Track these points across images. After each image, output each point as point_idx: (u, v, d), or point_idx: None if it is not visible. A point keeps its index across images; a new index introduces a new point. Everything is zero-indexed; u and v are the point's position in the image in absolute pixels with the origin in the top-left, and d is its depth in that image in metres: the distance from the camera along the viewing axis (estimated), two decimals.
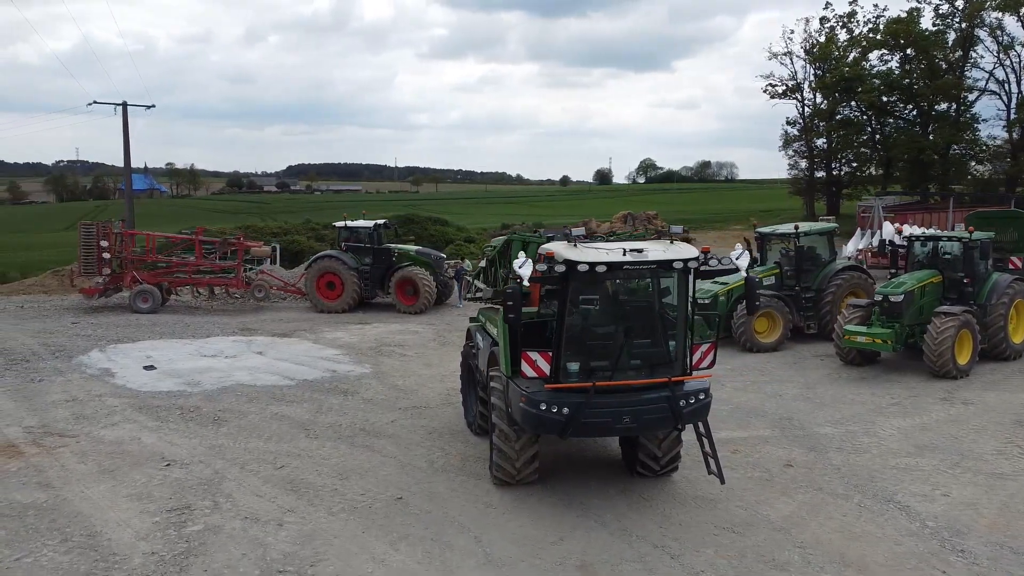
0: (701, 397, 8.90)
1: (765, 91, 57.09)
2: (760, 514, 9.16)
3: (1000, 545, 8.32)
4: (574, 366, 8.81)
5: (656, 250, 8.60)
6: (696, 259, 8.44)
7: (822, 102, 55.59)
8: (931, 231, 19.29)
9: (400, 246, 26.67)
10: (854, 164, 56.66)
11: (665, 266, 8.47)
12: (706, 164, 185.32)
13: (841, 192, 57.26)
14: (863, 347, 16.48)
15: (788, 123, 58.05)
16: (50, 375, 16.79)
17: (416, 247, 27.33)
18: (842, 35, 54.76)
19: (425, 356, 18.91)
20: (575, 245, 8.82)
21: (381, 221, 26.82)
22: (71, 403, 14.52)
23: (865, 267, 22.13)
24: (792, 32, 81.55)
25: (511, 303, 8.37)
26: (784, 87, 56.73)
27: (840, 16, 54.88)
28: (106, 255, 25.01)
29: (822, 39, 54.81)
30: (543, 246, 9.72)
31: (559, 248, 8.86)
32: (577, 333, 8.82)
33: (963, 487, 10.07)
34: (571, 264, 8.32)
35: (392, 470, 10.88)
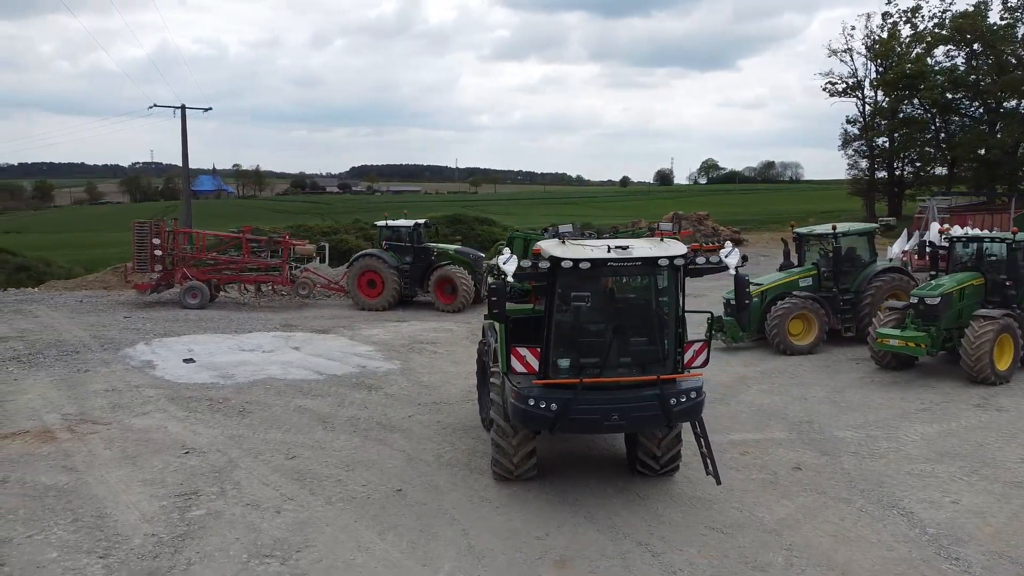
0: (693, 396, 8.84)
1: (824, 89, 55.76)
2: (754, 516, 9.05)
3: (999, 554, 8.05)
4: (564, 362, 8.85)
5: (642, 247, 8.58)
6: (683, 256, 8.39)
7: (883, 100, 53.99)
8: (974, 232, 18.60)
9: (440, 245, 26.98)
10: (917, 164, 54.83)
11: (650, 263, 8.44)
12: (770, 164, 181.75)
13: (904, 192, 55.49)
14: (895, 350, 16.03)
15: (848, 122, 56.60)
16: (96, 366, 17.57)
17: (456, 246, 27.60)
18: (905, 31, 53.14)
19: (455, 354, 19.11)
20: (563, 242, 8.86)
21: (421, 221, 27.17)
22: (110, 392, 15.17)
23: (910, 269, 21.45)
24: (853, 28, 79.37)
25: (495, 299, 8.47)
26: (844, 85, 55.29)
27: (904, 11, 53.26)
28: (158, 252, 25.98)
29: (884, 35, 53.23)
30: (538, 243, 9.78)
31: (547, 245, 8.92)
32: (565, 330, 8.86)
33: (976, 495, 9.75)
34: (555, 261, 8.37)
35: (398, 463, 11.09)
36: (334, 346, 20.14)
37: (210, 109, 39.40)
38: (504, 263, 8.52)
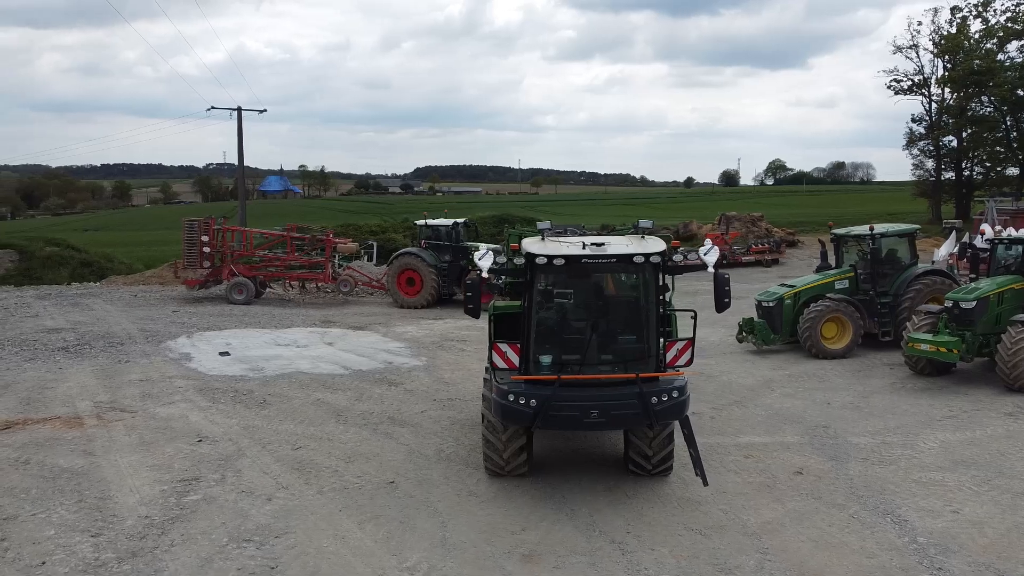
0: (675, 395, 8.74)
1: (889, 87, 53.97)
2: (739, 519, 8.90)
3: (987, 566, 7.74)
4: (546, 359, 8.87)
5: (618, 244, 8.53)
6: (659, 254, 8.31)
7: (951, 97, 51.97)
8: (1017, 233, 17.79)
9: (478, 244, 27.18)
10: (987, 164, 52.59)
11: (625, 260, 8.39)
12: (839, 165, 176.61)
13: (972, 194, 53.29)
14: (926, 355, 15.48)
15: (913, 120, 54.64)
16: (137, 357, 18.31)
17: (495, 246, 27.75)
18: (975, 25, 51.05)
19: (482, 352, 19.14)
20: (543, 239, 8.88)
21: (460, 220, 27.44)
22: (143, 382, 15.80)
23: (956, 272, 20.66)
24: (920, 24, 76.38)
25: (469, 294, 8.55)
26: (910, 82, 53.41)
27: (975, 5, 51.13)
28: (206, 250, 26.90)
29: (952, 30, 51.23)
30: (517, 241, 9.80)
31: (526, 242, 8.96)
32: (544, 326, 8.87)
33: (980, 505, 9.38)
34: (530, 257, 8.40)
35: (399, 456, 11.27)
36: (366, 342, 20.52)
37: (265, 111, 40.77)
38: (479, 259, 8.59)
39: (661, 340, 8.89)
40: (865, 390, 15.22)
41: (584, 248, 8.38)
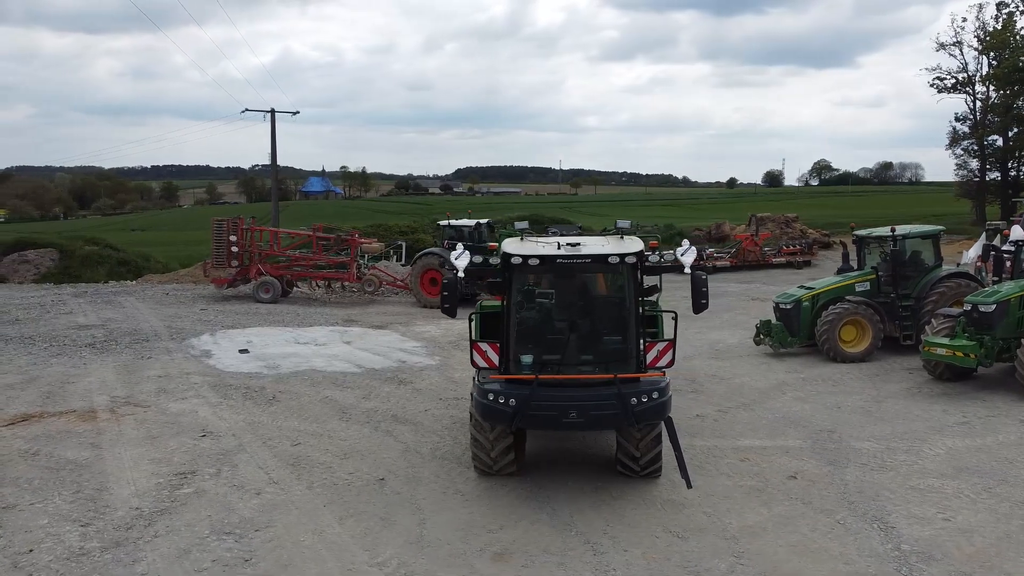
0: (655, 396, 8.69)
1: (932, 85, 52.72)
2: (720, 522, 8.81)
3: (967, 575, 7.55)
4: (526, 358, 8.89)
5: (593, 244, 8.50)
6: (634, 254, 8.26)
7: (996, 95, 50.51)
8: None
9: None
10: None
11: (600, 260, 8.37)
12: (887, 166, 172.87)
13: (1019, 195, 51.72)
14: (942, 360, 15.11)
15: (957, 119, 53.26)
16: (159, 354, 18.77)
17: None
18: (1021, 22, 49.55)
19: None
20: (521, 239, 8.90)
21: (483, 220, 27.54)
22: (161, 378, 16.19)
23: (984, 275, 20.11)
24: (964, 20, 73.86)
25: (446, 293, 8.60)
26: (953, 80, 52.09)
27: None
28: (234, 249, 27.42)
29: (998, 27, 49.80)
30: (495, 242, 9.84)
31: (504, 243, 8.98)
32: (522, 325, 8.89)
33: (975, 513, 9.15)
34: (506, 257, 8.43)
35: (394, 454, 11.38)
36: (384, 341, 20.73)
37: (297, 113, 41.31)
38: (455, 259, 8.64)
39: (642, 341, 8.84)
40: (879, 395, 14.92)
41: (559, 248, 8.39)
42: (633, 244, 8.60)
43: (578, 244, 8.46)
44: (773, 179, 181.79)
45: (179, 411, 13.73)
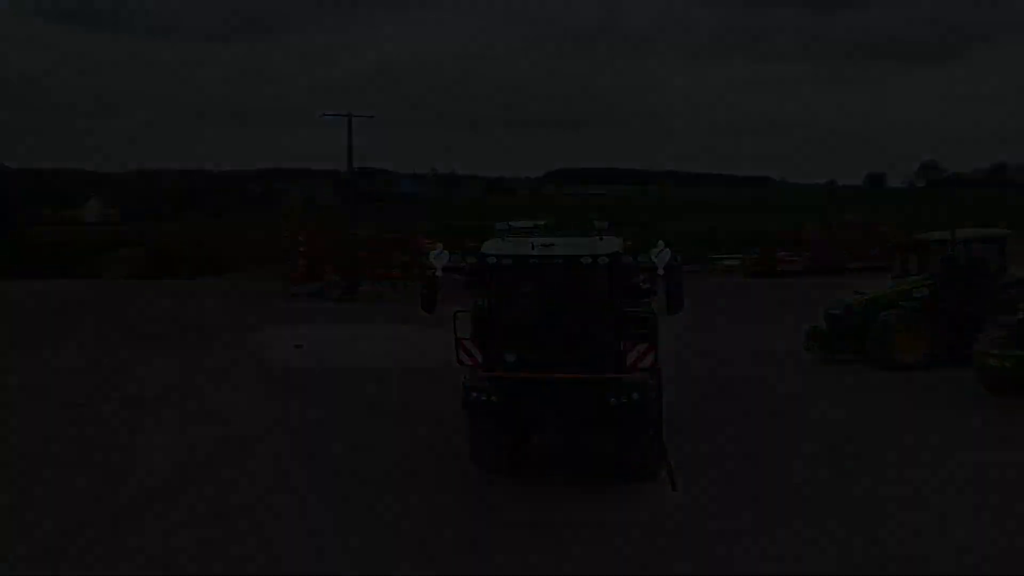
0: (634, 396, 8.68)
1: None
2: (695, 527, 8.72)
3: None
4: (510, 356, 9.02)
5: (567, 245, 8.57)
6: (609, 255, 8.28)
7: None
8: None
9: None
10: None
11: (572, 261, 8.42)
12: (1000, 166, 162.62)
13: None
14: (993, 370, 14.33)
15: None
16: (219, 347, 19.82)
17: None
18: None
19: None
20: (503, 238, 9.05)
21: (542, 222, 27.69)
22: (213, 370, 17.12)
23: None
24: None
25: (425, 291, 8.85)
26: None
27: None
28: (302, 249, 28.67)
29: None
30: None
31: (486, 243, 9.14)
32: (501, 324, 9.02)
33: (978, 530, 8.71)
34: (482, 257, 8.60)
35: (404, 447, 11.70)
36: (435, 339, 21.12)
37: (373, 116, 42.62)
38: (434, 258, 8.88)
39: (621, 342, 8.85)
40: (921, 405, 14.31)
41: (532, 248, 8.51)
42: (608, 245, 8.64)
43: (551, 244, 8.57)
44: (875, 180, 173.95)
45: (219, 400, 14.57)
